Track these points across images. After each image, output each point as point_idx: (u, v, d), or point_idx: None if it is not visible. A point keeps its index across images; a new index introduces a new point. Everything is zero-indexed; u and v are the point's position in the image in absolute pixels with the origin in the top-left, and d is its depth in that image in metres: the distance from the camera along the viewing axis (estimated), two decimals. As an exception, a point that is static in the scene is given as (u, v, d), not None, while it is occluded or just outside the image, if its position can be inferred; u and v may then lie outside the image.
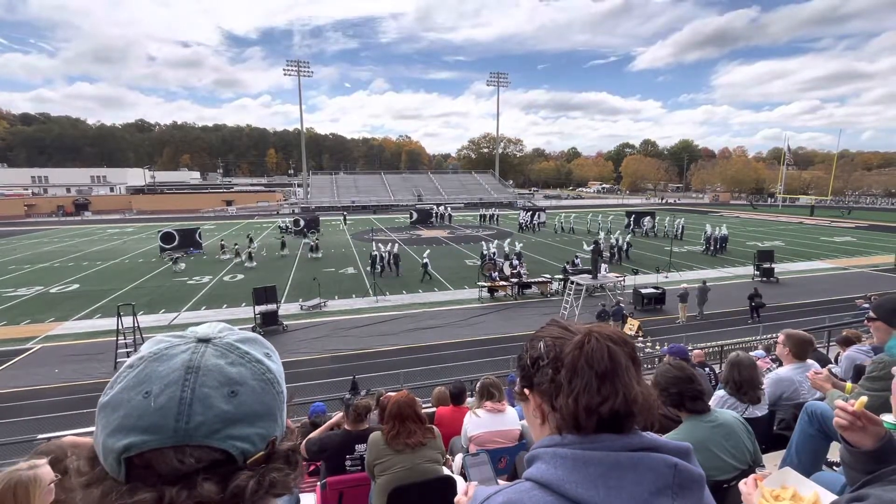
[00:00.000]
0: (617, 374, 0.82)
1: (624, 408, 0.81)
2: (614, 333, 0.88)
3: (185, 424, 0.57)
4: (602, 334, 0.87)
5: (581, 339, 0.86)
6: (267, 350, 0.71)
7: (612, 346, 0.84)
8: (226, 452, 0.59)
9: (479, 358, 13.59)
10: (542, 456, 0.85)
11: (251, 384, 0.64)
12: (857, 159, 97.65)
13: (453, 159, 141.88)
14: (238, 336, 0.69)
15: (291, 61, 68.98)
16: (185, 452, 0.57)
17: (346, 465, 3.61)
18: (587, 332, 0.87)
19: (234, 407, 0.61)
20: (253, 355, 0.67)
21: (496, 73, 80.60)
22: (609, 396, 0.81)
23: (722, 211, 63.03)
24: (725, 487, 2.18)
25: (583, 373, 0.83)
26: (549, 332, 0.93)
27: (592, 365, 0.82)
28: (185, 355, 0.62)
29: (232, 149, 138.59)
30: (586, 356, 0.83)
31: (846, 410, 1.42)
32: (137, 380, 0.61)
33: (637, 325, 15.82)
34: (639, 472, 0.77)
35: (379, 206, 67.07)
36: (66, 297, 21.25)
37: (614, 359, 0.83)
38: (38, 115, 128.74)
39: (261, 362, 0.67)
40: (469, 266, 26.59)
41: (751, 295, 17.13)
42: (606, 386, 0.81)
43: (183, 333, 0.67)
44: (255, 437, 0.62)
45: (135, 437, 0.57)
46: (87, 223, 53.91)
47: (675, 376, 2.38)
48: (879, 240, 36.09)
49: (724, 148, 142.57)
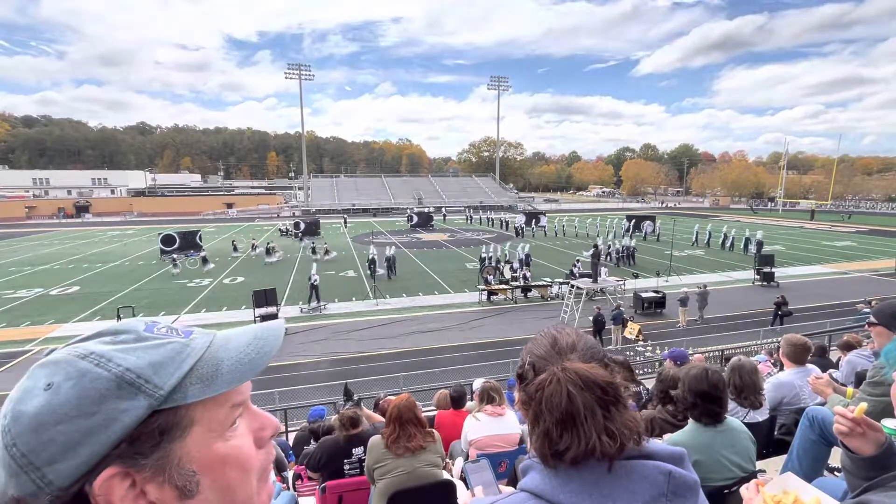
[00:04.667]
0: (575, 422, 0.78)
1: (585, 455, 0.77)
2: (585, 374, 0.81)
3: None
4: (569, 375, 0.81)
5: (543, 380, 0.82)
6: (55, 379, 0.51)
7: (573, 390, 0.79)
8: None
9: (480, 362, 13.57)
10: (535, 466, 0.84)
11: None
12: (858, 164, 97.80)
13: (453, 163, 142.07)
14: (44, 359, 0.54)
15: (293, 65, 69.48)
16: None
17: (344, 470, 3.60)
18: (551, 373, 0.82)
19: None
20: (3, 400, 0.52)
21: (496, 77, 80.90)
22: (570, 445, 0.77)
23: (722, 215, 63.07)
24: (726, 493, 2.18)
25: (543, 417, 0.80)
26: (539, 349, 0.90)
27: (551, 410, 0.79)
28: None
29: (233, 152, 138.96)
30: (546, 400, 0.80)
31: (846, 417, 1.41)
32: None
33: (637, 329, 15.80)
34: (632, 480, 0.77)
35: (379, 209, 67.14)
36: (66, 299, 21.24)
37: (573, 404, 0.78)
38: (39, 117, 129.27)
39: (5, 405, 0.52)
40: (469, 269, 26.59)
41: (777, 302, 16.83)
42: (567, 434, 0.77)
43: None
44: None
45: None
46: (88, 225, 53.94)
47: (701, 390, 2.29)
48: (880, 244, 36.08)
49: (724, 152, 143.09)
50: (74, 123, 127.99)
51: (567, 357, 0.86)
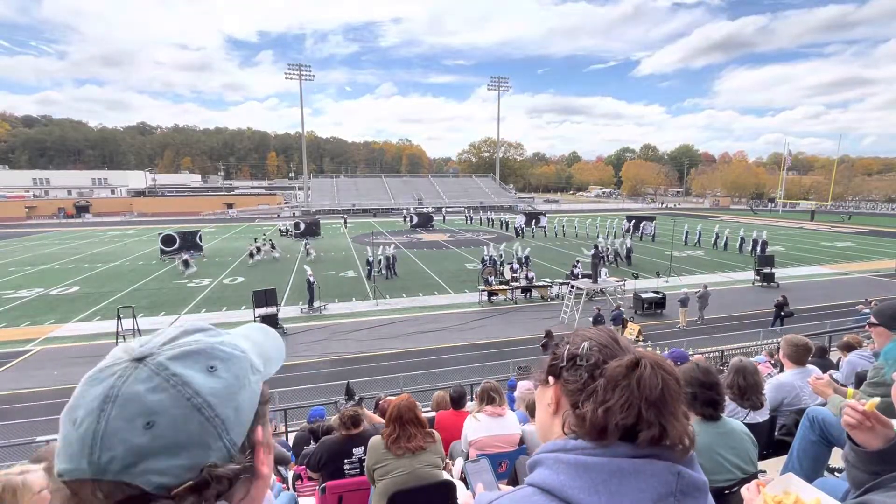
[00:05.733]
0: (667, 408, 0.80)
1: (674, 442, 0.79)
2: (670, 367, 0.84)
3: (98, 459, 0.54)
4: (659, 363, 0.83)
5: (634, 360, 0.83)
6: (214, 363, 0.63)
7: (668, 378, 0.82)
8: (140, 488, 0.55)
9: (480, 362, 13.57)
10: (544, 461, 0.84)
11: (171, 413, 0.57)
12: (858, 165, 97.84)
13: (453, 163, 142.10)
14: (177, 350, 0.62)
15: (293, 65, 69.40)
16: (99, 487, 0.55)
17: (344, 470, 3.60)
18: (641, 356, 0.84)
19: (150, 440, 0.56)
20: (181, 377, 0.60)
21: (497, 78, 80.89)
22: (651, 424, 0.78)
23: (722, 216, 63.06)
24: (727, 493, 2.17)
25: (626, 392, 0.80)
26: (598, 337, 0.91)
27: (642, 389, 0.80)
28: (110, 380, 0.59)
29: (233, 152, 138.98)
30: (638, 379, 0.81)
31: (856, 409, 1.41)
32: (74, 402, 0.59)
33: (637, 330, 15.80)
34: (641, 478, 0.77)
35: (379, 209, 67.16)
36: (67, 299, 21.24)
37: (669, 390, 0.81)
38: (39, 117, 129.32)
39: (188, 385, 0.59)
40: (469, 270, 26.59)
41: (778, 303, 16.80)
42: (651, 413, 0.79)
43: (131, 346, 0.64)
44: (178, 468, 0.57)
45: (64, 464, 0.56)
46: (88, 225, 53.97)
47: (696, 378, 2.35)
48: (880, 245, 36.11)
49: (724, 153, 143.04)
50: (75, 123, 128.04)
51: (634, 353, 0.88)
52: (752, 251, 30.79)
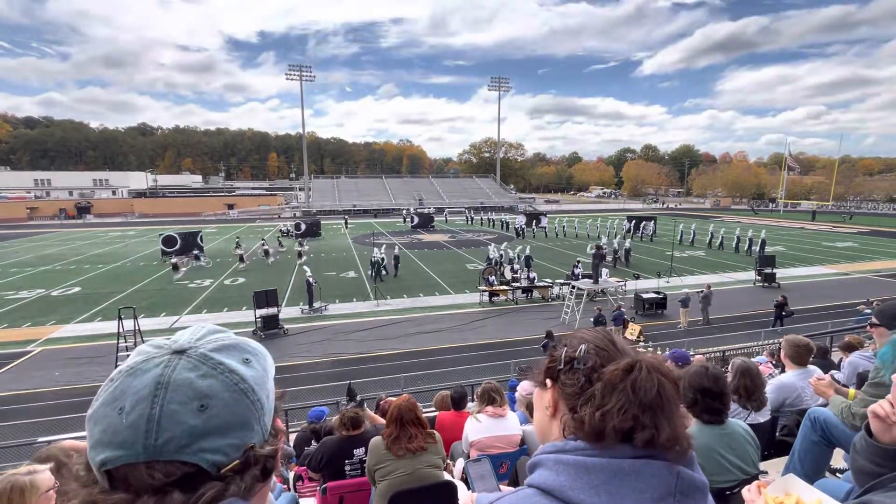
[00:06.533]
0: (662, 410, 0.80)
1: (669, 443, 0.79)
2: (666, 369, 0.84)
3: (154, 441, 0.59)
4: (654, 366, 0.83)
5: (630, 363, 0.83)
6: (247, 355, 0.71)
7: (663, 380, 0.81)
8: (197, 465, 0.61)
9: (481, 362, 13.56)
10: (544, 462, 0.84)
11: (222, 396, 0.64)
12: (859, 165, 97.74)
13: (454, 164, 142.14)
14: (216, 344, 0.69)
15: (294, 66, 69.38)
16: (155, 468, 0.59)
17: (345, 470, 3.60)
18: (637, 359, 0.84)
19: (204, 421, 0.62)
20: (226, 365, 0.67)
21: (497, 78, 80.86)
22: (646, 426, 0.78)
23: (723, 216, 63.01)
24: (728, 494, 2.17)
25: (622, 396, 0.80)
26: (595, 339, 0.91)
27: (637, 392, 0.80)
28: (157, 370, 0.63)
29: (234, 153, 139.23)
30: (633, 382, 0.81)
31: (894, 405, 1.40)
32: (114, 395, 0.62)
33: (638, 330, 15.78)
34: (641, 478, 0.77)
35: (380, 209, 67.18)
36: (68, 299, 21.27)
37: (664, 392, 0.80)
38: (41, 118, 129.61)
39: (234, 372, 0.67)
40: (470, 270, 26.58)
41: (779, 303, 16.68)
42: (647, 416, 0.79)
43: (162, 343, 0.69)
44: (228, 447, 0.63)
45: (110, 452, 0.59)
46: (89, 226, 54.00)
47: (703, 385, 2.30)
48: (881, 245, 36.05)
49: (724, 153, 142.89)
50: (76, 125, 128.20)
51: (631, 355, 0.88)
52: (748, 250, 31.07)
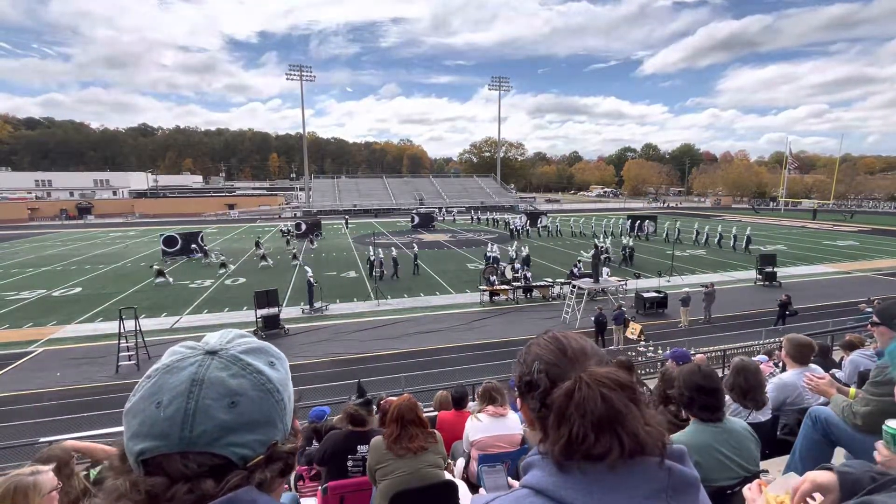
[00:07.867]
0: (613, 423, 0.78)
1: (632, 454, 0.78)
2: (614, 376, 0.82)
3: (189, 433, 0.64)
4: (598, 379, 0.81)
5: (570, 386, 0.81)
6: (272, 358, 0.76)
7: (608, 392, 0.79)
8: (226, 458, 0.66)
9: (482, 362, 13.56)
10: (537, 463, 0.86)
11: (251, 395, 0.69)
12: (860, 163, 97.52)
13: (455, 163, 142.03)
14: (244, 347, 0.74)
15: (294, 66, 69.31)
16: (189, 458, 0.64)
17: (348, 467, 3.60)
18: (577, 379, 0.82)
19: (234, 417, 0.67)
20: (254, 366, 0.72)
21: (497, 78, 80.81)
22: (612, 447, 0.77)
23: (724, 215, 62.94)
24: (729, 493, 2.17)
25: (573, 420, 0.79)
26: (546, 353, 0.90)
27: (584, 414, 0.78)
28: (192, 368, 0.69)
29: (234, 153, 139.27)
30: (578, 405, 0.79)
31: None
32: (152, 391, 0.68)
33: (639, 329, 15.77)
34: (633, 475, 0.78)
35: (381, 209, 67.18)
36: (69, 300, 21.29)
37: (611, 406, 0.78)
38: (42, 119, 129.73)
39: (261, 373, 0.72)
40: (471, 270, 26.58)
41: (783, 302, 16.61)
42: (606, 436, 0.77)
43: (195, 344, 0.74)
44: (255, 442, 0.68)
45: (148, 443, 0.65)
46: (90, 227, 54.08)
47: (695, 382, 2.31)
48: (882, 244, 35.99)
49: (725, 152, 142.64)
50: (77, 125, 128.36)
51: (583, 363, 0.86)
52: (733, 246, 31.49)
